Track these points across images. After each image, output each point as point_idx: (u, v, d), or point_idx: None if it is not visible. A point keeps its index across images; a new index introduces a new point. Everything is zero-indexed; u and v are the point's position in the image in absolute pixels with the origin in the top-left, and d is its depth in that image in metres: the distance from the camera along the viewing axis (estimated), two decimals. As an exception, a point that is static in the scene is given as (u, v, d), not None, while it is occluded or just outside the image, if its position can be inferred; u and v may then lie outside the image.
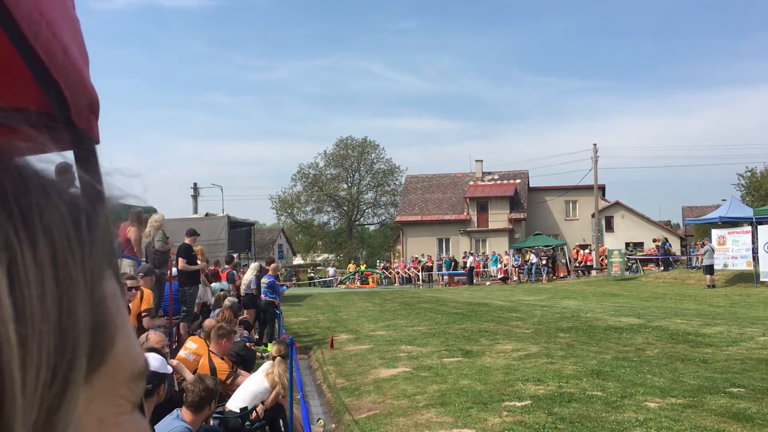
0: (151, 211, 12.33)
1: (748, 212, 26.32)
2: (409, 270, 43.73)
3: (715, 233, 26.39)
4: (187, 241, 11.21)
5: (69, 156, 0.69)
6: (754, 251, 23.84)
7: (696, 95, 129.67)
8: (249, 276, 14.49)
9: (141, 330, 7.54)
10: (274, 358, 7.30)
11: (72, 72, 0.71)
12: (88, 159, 0.73)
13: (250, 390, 6.76)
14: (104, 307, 0.42)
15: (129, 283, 7.54)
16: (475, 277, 38.78)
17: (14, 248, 0.37)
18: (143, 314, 8.09)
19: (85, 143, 0.76)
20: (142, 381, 0.46)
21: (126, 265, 10.05)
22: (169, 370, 4.33)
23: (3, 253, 0.36)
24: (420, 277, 42.03)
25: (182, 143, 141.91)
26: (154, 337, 6.29)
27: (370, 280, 43.86)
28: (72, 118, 0.76)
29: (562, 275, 38.97)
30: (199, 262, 11.50)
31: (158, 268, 9.23)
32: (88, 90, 0.81)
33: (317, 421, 7.77)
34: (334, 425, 7.58)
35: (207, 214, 27.00)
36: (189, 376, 5.39)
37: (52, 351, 0.37)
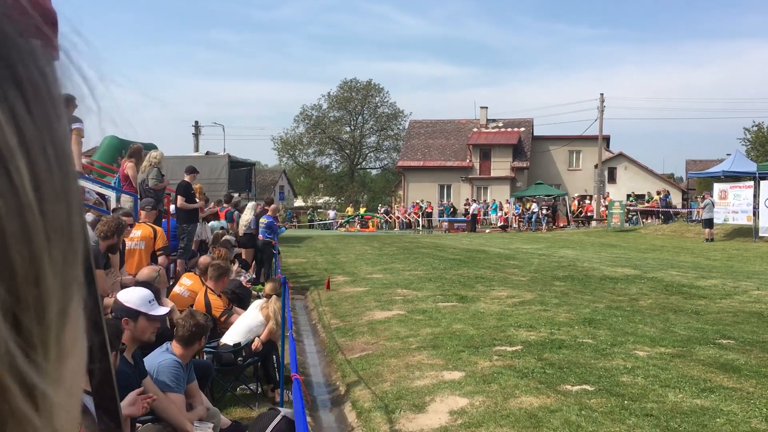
0: (152, 147, 12.26)
1: (751, 167, 26.12)
2: (409, 215, 43.81)
3: (717, 187, 26.29)
4: (186, 178, 11.14)
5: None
6: (755, 206, 23.80)
7: (704, 47, 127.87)
8: (248, 216, 14.50)
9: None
10: (268, 296, 7.37)
11: None
12: None
13: (244, 325, 6.84)
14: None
15: (127, 219, 7.52)
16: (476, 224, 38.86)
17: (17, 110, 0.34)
18: (158, 252, 8.14)
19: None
20: None
21: (125, 201, 10.05)
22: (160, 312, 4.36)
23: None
24: (420, 223, 42.14)
25: (184, 80, 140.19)
26: (147, 271, 6.32)
27: (370, 224, 43.98)
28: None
29: (562, 225, 39.03)
30: (197, 200, 11.47)
31: (154, 205, 9.22)
32: None
33: None
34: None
35: (207, 153, 26.81)
36: (177, 316, 5.44)
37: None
